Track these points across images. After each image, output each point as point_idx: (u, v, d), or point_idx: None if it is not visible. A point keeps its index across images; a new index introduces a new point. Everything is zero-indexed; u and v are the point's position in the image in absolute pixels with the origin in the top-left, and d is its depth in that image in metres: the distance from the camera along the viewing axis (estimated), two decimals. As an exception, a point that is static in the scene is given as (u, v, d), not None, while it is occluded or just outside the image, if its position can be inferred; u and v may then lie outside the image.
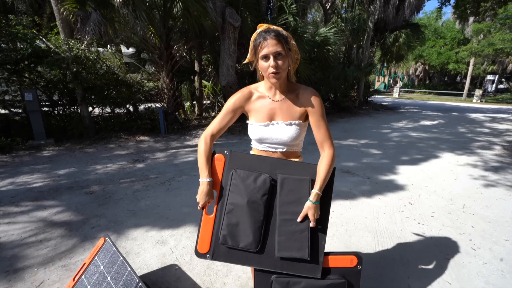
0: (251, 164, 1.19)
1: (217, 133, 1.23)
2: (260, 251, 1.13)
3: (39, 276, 1.78)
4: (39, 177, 3.54)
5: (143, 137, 5.98)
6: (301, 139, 1.25)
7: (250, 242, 1.11)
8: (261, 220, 1.13)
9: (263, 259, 1.13)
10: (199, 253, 1.16)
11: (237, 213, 1.13)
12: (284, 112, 1.19)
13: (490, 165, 4.40)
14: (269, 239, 1.14)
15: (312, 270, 1.13)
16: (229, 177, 1.18)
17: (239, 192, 1.14)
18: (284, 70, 1.09)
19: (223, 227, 1.13)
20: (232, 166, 1.19)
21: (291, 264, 1.13)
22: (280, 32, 1.08)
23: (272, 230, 1.14)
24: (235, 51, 6.25)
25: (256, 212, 1.12)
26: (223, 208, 1.16)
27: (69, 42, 5.07)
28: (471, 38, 19.39)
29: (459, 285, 1.78)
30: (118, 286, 1.37)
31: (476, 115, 10.94)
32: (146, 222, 2.49)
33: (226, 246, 1.14)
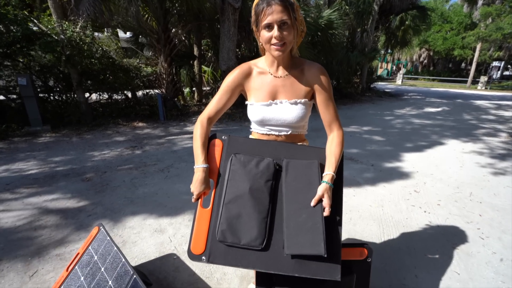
0: (252, 149, 1.04)
1: (215, 115, 1.10)
2: (266, 248, 0.93)
3: (33, 265, 1.72)
4: (34, 164, 3.45)
5: (141, 123, 5.86)
6: (307, 120, 1.12)
7: (255, 237, 0.92)
8: (267, 210, 0.95)
9: (270, 260, 0.92)
10: (192, 254, 0.96)
11: (238, 204, 0.96)
12: (288, 90, 1.06)
13: (497, 152, 4.30)
14: (275, 235, 0.95)
15: (331, 271, 0.90)
16: (227, 164, 1.02)
17: (239, 179, 0.98)
18: (289, 42, 0.96)
19: (221, 221, 0.95)
20: (231, 151, 1.05)
21: (304, 265, 0.91)
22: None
23: (279, 223, 0.96)
24: (236, 34, 6.01)
25: (260, 201, 0.96)
26: (221, 199, 0.98)
27: (62, 24, 4.86)
28: (479, 23, 18.79)
29: (467, 276, 1.72)
30: (112, 277, 1.30)
31: (481, 102, 10.74)
32: (144, 210, 2.41)
33: (225, 243, 0.94)
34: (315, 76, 1.05)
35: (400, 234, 2.16)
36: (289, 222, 0.93)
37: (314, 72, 1.05)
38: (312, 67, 1.06)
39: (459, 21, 20.60)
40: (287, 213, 0.94)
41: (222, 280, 1.65)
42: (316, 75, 1.05)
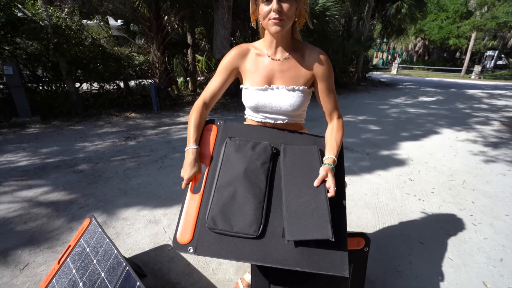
0: (248, 135, 0.99)
1: (211, 99, 1.05)
2: (261, 236, 0.82)
3: (24, 259, 1.69)
4: (24, 156, 3.37)
5: (134, 114, 5.74)
6: (305, 108, 1.07)
7: (249, 223, 0.82)
8: (263, 194, 0.86)
9: (267, 251, 0.80)
10: (178, 243, 0.83)
11: (232, 187, 0.87)
12: (285, 75, 1.00)
13: (490, 140, 4.34)
14: (272, 222, 0.84)
15: (338, 265, 0.79)
16: (221, 148, 0.96)
17: (234, 162, 0.91)
18: (288, 18, 0.89)
19: (212, 206, 0.85)
20: (225, 136, 0.99)
21: (307, 258, 0.79)
22: None
23: (277, 210, 0.86)
24: (230, 21, 5.86)
25: (256, 183, 0.87)
26: (213, 183, 0.89)
27: (47, 9, 4.65)
28: (474, 11, 18.72)
29: (460, 261, 1.75)
30: (105, 269, 1.27)
31: (474, 91, 10.80)
32: (138, 201, 2.38)
33: (215, 231, 0.83)
34: (317, 62, 0.98)
35: (395, 222, 2.17)
36: (289, 205, 0.83)
37: (315, 57, 0.98)
38: (314, 51, 0.99)
39: (455, 10, 20.45)
40: (287, 195, 0.85)
41: (217, 270, 1.64)
42: (318, 61, 0.98)
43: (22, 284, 1.50)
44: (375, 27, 12.49)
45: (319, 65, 0.98)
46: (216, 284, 1.55)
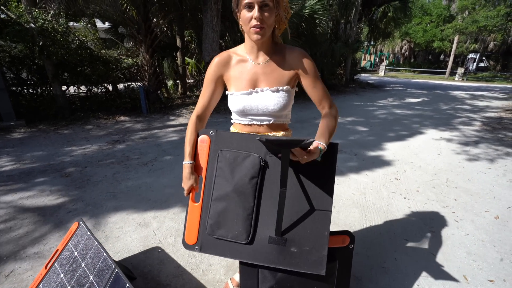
0: (239, 144, 1.03)
1: (203, 112, 1.11)
2: (251, 242, 0.97)
3: (9, 266, 1.65)
4: (8, 160, 3.28)
5: (123, 117, 5.68)
6: (289, 109, 1.10)
7: (240, 232, 0.97)
8: (251, 207, 0.98)
9: (256, 252, 0.97)
10: (187, 244, 1.04)
11: (225, 201, 1.00)
12: (269, 77, 1.03)
13: (471, 140, 4.51)
14: (261, 229, 0.98)
15: (315, 265, 0.93)
16: (215, 160, 1.04)
17: (225, 177, 1.01)
18: (269, 25, 0.93)
19: (210, 216, 1.01)
20: (217, 147, 1.04)
21: (289, 258, 0.94)
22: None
23: (264, 217, 0.98)
24: (219, 24, 5.88)
25: (245, 198, 0.98)
26: (210, 195, 1.03)
27: (32, 12, 4.56)
28: (456, 15, 19.40)
29: (443, 256, 1.82)
30: (93, 272, 1.27)
31: (458, 92, 11.18)
32: (127, 204, 2.36)
33: (214, 237, 1.01)
34: (298, 60, 1.02)
35: (381, 220, 2.23)
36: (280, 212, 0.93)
37: (296, 56, 1.02)
38: (294, 51, 1.03)
39: (438, 14, 21.17)
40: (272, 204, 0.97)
41: (207, 271, 1.65)
42: (298, 59, 1.02)
43: (7, 291, 1.48)
44: (362, 30, 12.78)
45: (300, 63, 1.02)
46: (206, 284, 1.56)
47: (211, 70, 1.06)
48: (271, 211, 0.97)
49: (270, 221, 0.97)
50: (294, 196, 0.97)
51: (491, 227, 2.15)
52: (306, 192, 0.97)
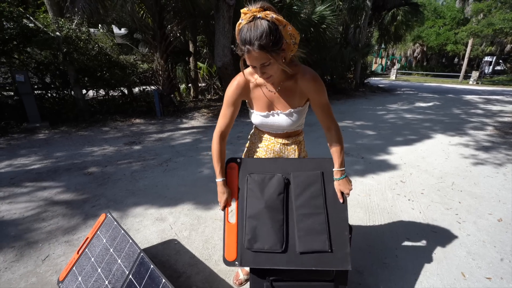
0: (263, 168, 1.22)
1: (226, 129, 1.22)
2: (285, 250, 1.14)
3: (44, 251, 1.86)
4: (36, 159, 3.56)
5: (138, 119, 5.95)
6: (303, 121, 1.28)
7: (275, 242, 1.12)
8: (282, 219, 1.14)
9: (290, 258, 1.13)
10: (227, 261, 1.16)
11: (258, 217, 1.15)
12: (282, 101, 1.16)
13: (481, 144, 4.50)
14: (291, 237, 1.15)
15: (341, 262, 1.11)
16: (244, 183, 1.21)
17: (256, 196, 1.17)
18: (274, 72, 1.01)
19: (246, 232, 1.15)
20: (245, 172, 1.22)
21: (319, 259, 1.12)
22: (263, 43, 0.89)
23: (293, 227, 1.16)
24: (230, 30, 6.10)
25: (275, 212, 1.15)
26: (243, 214, 1.18)
27: (58, 21, 4.90)
28: (471, 18, 19.05)
29: (442, 255, 1.90)
30: (121, 256, 1.44)
31: (471, 96, 10.99)
32: (145, 200, 2.55)
33: (252, 250, 1.14)
34: (308, 84, 1.10)
35: (384, 220, 2.33)
36: (299, 225, 1.15)
37: (307, 80, 1.10)
38: (305, 76, 1.10)
39: (452, 17, 20.84)
40: (297, 218, 1.16)
41: (219, 262, 1.80)
42: (309, 84, 1.10)
43: (44, 272, 1.67)
44: (373, 34, 12.77)
45: (310, 88, 1.11)
46: (219, 273, 1.71)
47: (231, 92, 1.15)
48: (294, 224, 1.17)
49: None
50: (311, 211, 1.16)
51: (493, 229, 2.20)
52: (325, 200, 1.18)
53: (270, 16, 0.90)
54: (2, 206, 2.42)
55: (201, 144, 4.33)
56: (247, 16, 0.90)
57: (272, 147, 1.33)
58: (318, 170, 1.21)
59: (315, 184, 1.18)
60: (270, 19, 0.90)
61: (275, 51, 0.92)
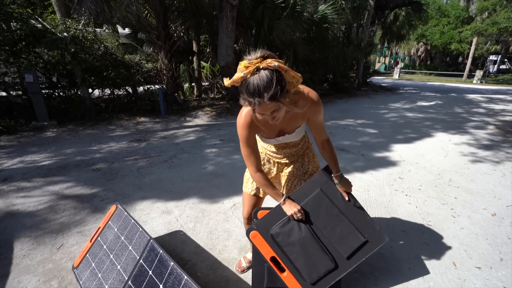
0: (275, 218, 1.36)
1: (258, 164, 1.29)
2: (336, 263, 1.29)
3: (59, 240, 1.98)
4: (46, 156, 3.69)
5: (143, 118, 6.08)
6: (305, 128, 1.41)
7: (326, 263, 1.28)
8: (318, 244, 1.30)
9: (343, 266, 1.29)
10: None
11: (302, 255, 1.30)
12: (287, 125, 1.25)
13: (481, 143, 4.55)
14: (333, 251, 1.31)
15: (379, 240, 1.30)
16: (272, 240, 1.34)
17: (288, 243, 1.32)
18: (283, 114, 1.06)
19: (303, 272, 1.29)
20: (266, 233, 1.36)
21: (363, 251, 1.29)
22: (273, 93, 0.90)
23: (329, 243, 1.32)
24: (234, 30, 6.20)
25: (310, 242, 1.30)
26: (289, 261, 1.32)
27: (66, 22, 5.04)
28: (475, 17, 18.93)
29: (436, 246, 1.99)
30: (132, 243, 1.55)
31: (474, 96, 10.97)
32: (152, 195, 2.67)
33: (314, 280, 1.29)
34: (310, 110, 1.19)
35: (382, 214, 2.42)
36: (333, 239, 1.32)
37: (308, 107, 1.17)
38: (306, 100, 1.16)
39: (456, 15, 20.70)
40: (328, 235, 1.33)
41: (223, 251, 1.91)
42: (310, 110, 1.18)
43: (60, 259, 1.79)
44: (376, 33, 12.78)
45: (312, 111, 1.20)
46: (222, 261, 1.81)
47: (245, 133, 1.20)
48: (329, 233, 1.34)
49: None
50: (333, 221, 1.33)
51: (486, 223, 2.28)
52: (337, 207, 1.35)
53: (273, 65, 0.90)
54: (17, 199, 2.55)
55: (204, 142, 4.44)
56: (249, 69, 0.91)
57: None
58: (317, 188, 1.36)
59: (323, 202, 1.34)
60: (273, 67, 0.90)
61: (283, 96, 0.94)
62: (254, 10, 6.83)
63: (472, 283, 1.66)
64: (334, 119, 6.23)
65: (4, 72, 5.38)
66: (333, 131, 5.22)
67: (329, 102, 8.59)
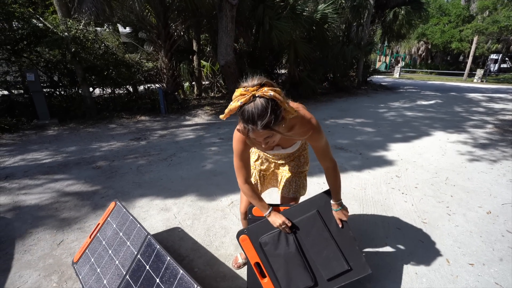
0: (267, 228, 1.39)
1: (248, 176, 1.31)
2: (316, 282, 1.34)
3: (59, 236, 2.02)
4: (47, 154, 3.73)
5: (144, 116, 6.12)
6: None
7: (306, 281, 1.32)
8: (302, 261, 1.34)
9: (322, 285, 1.34)
10: None
11: (285, 268, 1.34)
12: (284, 143, 1.30)
13: (479, 142, 4.57)
14: (315, 270, 1.35)
15: (362, 270, 1.34)
16: (260, 248, 1.39)
17: (274, 254, 1.36)
18: (277, 140, 1.09)
19: (281, 282, 1.34)
20: (256, 239, 1.40)
21: (344, 277, 1.33)
22: (266, 122, 0.91)
23: (313, 263, 1.36)
24: (233, 29, 6.22)
25: (295, 259, 1.34)
26: (271, 270, 1.37)
27: (67, 22, 5.07)
28: (476, 15, 18.88)
29: (430, 243, 2.02)
30: (130, 239, 1.59)
31: (474, 95, 10.96)
32: (151, 192, 2.70)
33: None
34: (307, 134, 1.18)
35: (378, 211, 2.45)
36: (318, 260, 1.36)
37: (305, 133, 1.18)
38: (305, 127, 1.17)
39: (457, 14, 20.63)
40: (314, 255, 1.36)
41: (220, 247, 1.94)
42: (307, 136, 1.19)
43: (60, 254, 1.83)
44: (376, 32, 12.77)
45: (309, 137, 1.20)
46: (219, 257, 1.85)
47: (240, 147, 1.22)
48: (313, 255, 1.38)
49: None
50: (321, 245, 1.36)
51: (481, 221, 2.31)
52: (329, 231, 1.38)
53: (269, 94, 0.91)
54: (19, 196, 2.59)
55: (204, 140, 4.47)
56: (245, 97, 0.92)
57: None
58: (314, 210, 1.40)
59: (316, 223, 1.37)
60: (269, 96, 0.92)
61: (277, 125, 0.95)
62: (254, 9, 6.85)
63: (465, 279, 1.69)
64: (333, 118, 6.26)
65: (6, 71, 5.42)
66: (332, 129, 5.24)
67: (329, 101, 8.60)
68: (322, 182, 2.94)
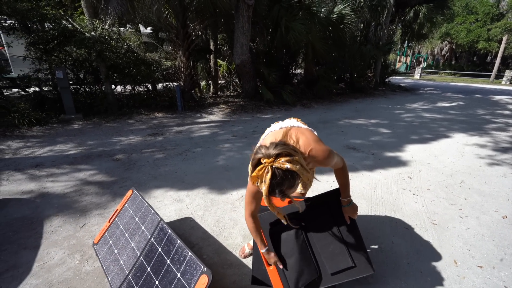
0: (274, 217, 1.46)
1: (255, 212, 1.35)
2: (320, 275, 1.39)
3: (81, 220, 2.19)
4: (72, 146, 3.99)
5: (161, 113, 6.35)
6: None
7: (312, 273, 1.37)
8: (309, 254, 1.40)
9: (326, 279, 1.38)
10: None
11: (293, 261, 1.38)
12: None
13: (501, 145, 4.39)
14: (321, 264, 1.40)
15: (365, 269, 1.37)
16: (268, 236, 1.47)
17: (284, 247, 1.42)
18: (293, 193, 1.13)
19: (289, 277, 1.37)
20: (266, 225, 1.47)
21: (347, 274, 1.36)
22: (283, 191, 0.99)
23: (319, 256, 1.40)
24: (249, 29, 6.31)
25: (303, 251, 1.40)
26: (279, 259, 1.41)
27: (93, 22, 5.37)
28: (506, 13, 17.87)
29: (438, 244, 2.00)
30: (144, 224, 1.71)
31: (500, 97, 10.43)
32: (166, 184, 2.84)
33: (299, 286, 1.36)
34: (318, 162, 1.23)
35: (386, 211, 2.44)
36: (324, 253, 1.41)
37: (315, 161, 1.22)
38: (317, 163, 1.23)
39: (485, 12, 19.63)
40: (320, 248, 1.42)
41: (228, 237, 2.04)
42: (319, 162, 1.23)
43: (82, 236, 2.00)
44: (395, 32, 12.43)
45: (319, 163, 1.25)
46: (227, 247, 1.94)
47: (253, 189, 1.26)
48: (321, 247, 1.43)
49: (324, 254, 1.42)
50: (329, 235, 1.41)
51: (495, 225, 2.25)
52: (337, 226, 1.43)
53: (285, 167, 0.94)
54: (47, 183, 2.82)
55: (218, 137, 4.60)
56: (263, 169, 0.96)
57: None
58: (324, 204, 1.46)
59: (325, 218, 1.43)
60: (285, 169, 0.95)
61: (293, 191, 1.04)
62: (270, 9, 6.91)
63: (472, 280, 1.68)
64: (347, 118, 6.20)
65: (37, 68, 5.81)
66: (345, 129, 5.21)
67: (344, 102, 8.50)
68: (332, 181, 2.96)
